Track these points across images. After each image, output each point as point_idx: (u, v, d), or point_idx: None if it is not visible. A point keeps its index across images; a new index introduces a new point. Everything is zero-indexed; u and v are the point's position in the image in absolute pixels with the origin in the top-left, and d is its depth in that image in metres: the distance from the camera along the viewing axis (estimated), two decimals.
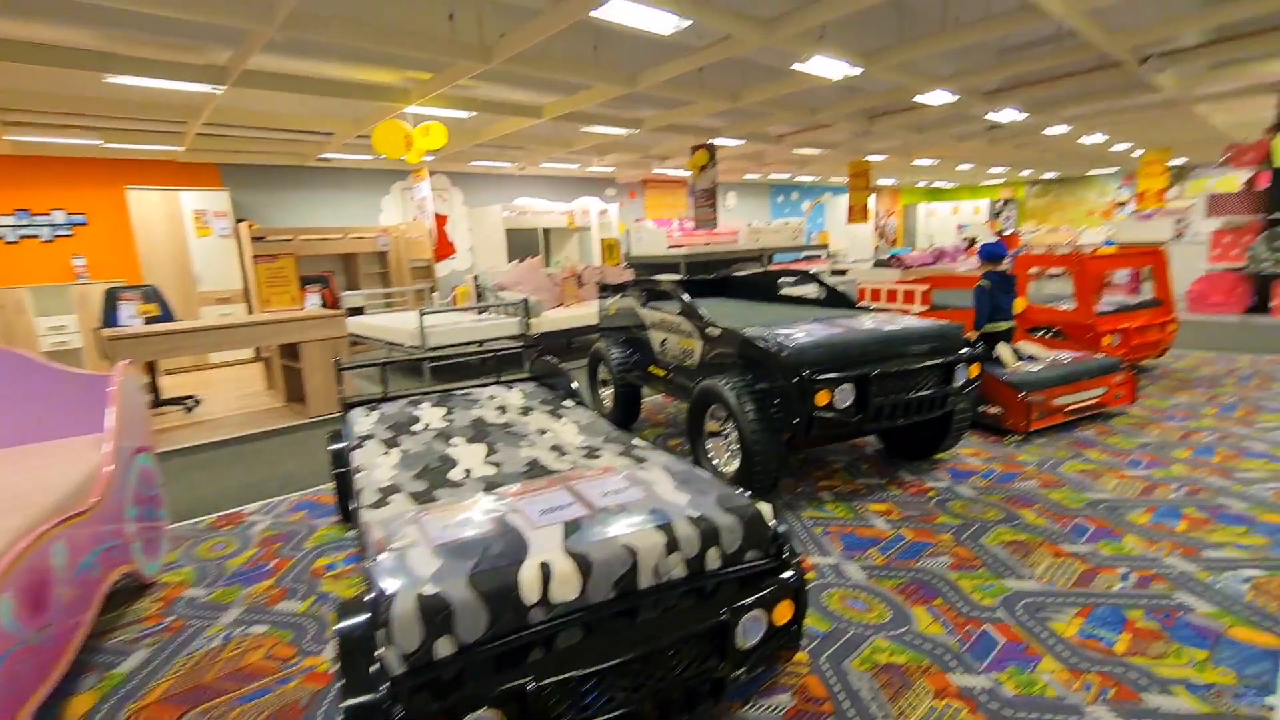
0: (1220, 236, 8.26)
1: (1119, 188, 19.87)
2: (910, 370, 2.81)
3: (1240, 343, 6.16)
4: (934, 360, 2.88)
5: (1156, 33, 5.25)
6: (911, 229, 23.25)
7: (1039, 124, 9.69)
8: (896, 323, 3.06)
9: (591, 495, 1.76)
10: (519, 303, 6.38)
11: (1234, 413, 4.00)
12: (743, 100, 6.72)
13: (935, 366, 2.88)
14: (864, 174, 11.92)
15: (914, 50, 5.29)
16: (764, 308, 4.10)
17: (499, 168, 10.77)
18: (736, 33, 4.60)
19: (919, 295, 6.19)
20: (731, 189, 16.07)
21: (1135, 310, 5.11)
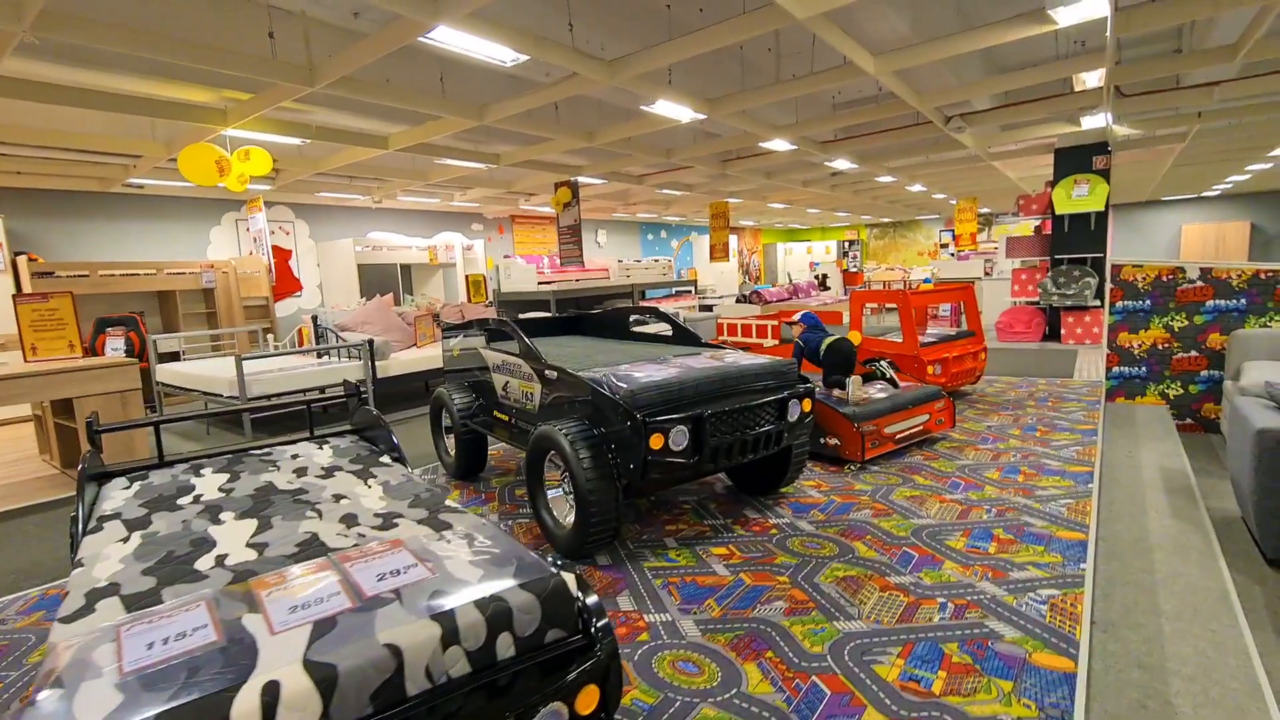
0: (1019, 274, 9.45)
1: (942, 231, 22.47)
2: (745, 408, 2.80)
3: (1039, 368, 6.99)
4: (768, 397, 2.89)
5: (954, 95, 5.93)
6: (773, 266, 24.82)
7: (870, 173, 10.69)
8: (731, 361, 3.06)
9: (364, 580, 1.49)
10: (362, 344, 5.86)
11: (1034, 433, 4.44)
12: (598, 139, 6.76)
13: (770, 403, 2.89)
14: (723, 214, 12.51)
15: (751, 99, 5.59)
16: (612, 346, 4.00)
17: (350, 200, 10.09)
18: (581, 70, 4.59)
19: (770, 329, 6.44)
20: (602, 227, 16.26)
21: (953, 341, 5.61)
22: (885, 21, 4.76)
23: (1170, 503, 3.48)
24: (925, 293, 5.45)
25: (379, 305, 6.84)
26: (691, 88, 5.82)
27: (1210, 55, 5.01)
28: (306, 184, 8.85)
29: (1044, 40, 5.47)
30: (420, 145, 6.96)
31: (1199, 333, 5.44)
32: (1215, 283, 5.33)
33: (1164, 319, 5.57)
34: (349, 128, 6.23)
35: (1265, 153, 10.33)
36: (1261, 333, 5.00)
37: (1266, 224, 17.59)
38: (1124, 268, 5.69)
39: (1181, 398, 5.58)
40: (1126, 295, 5.70)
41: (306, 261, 10.20)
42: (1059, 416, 4.82)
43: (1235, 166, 12.26)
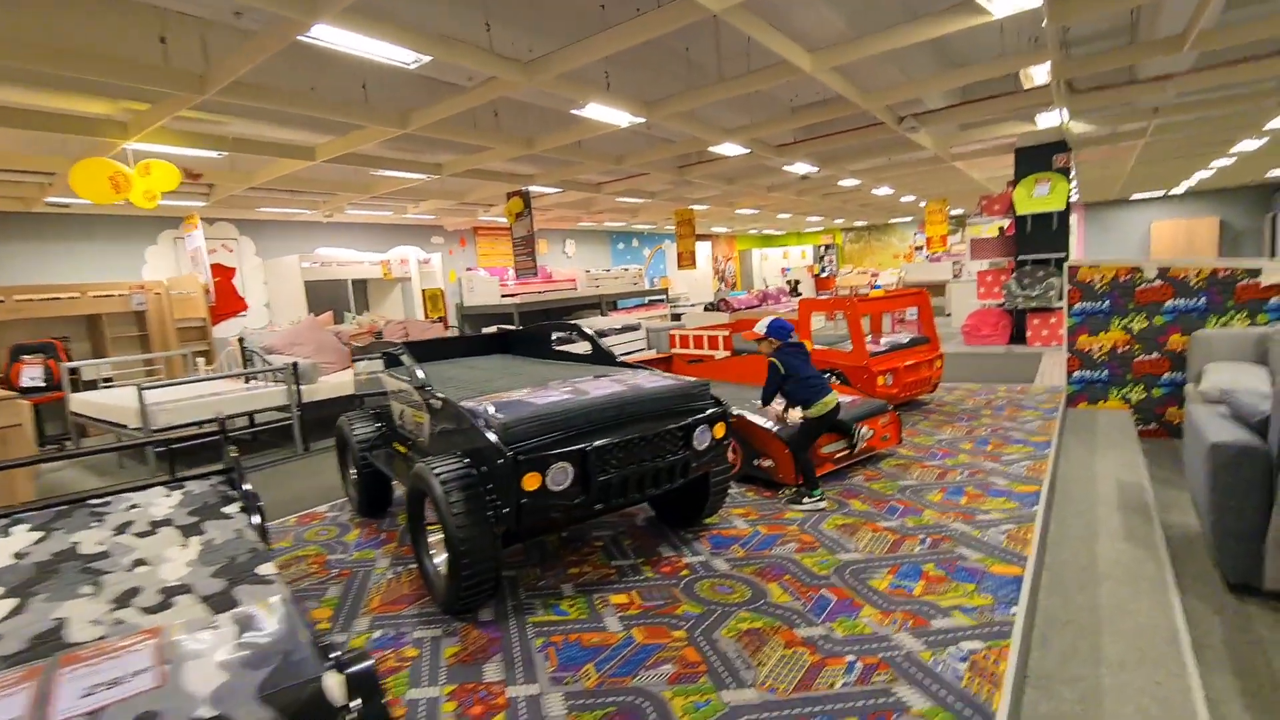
0: (984, 276, 9.27)
1: (915, 234, 22.43)
2: (643, 438, 2.50)
3: (1002, 372, 6.77)
4: (671, 424, 2.60)
5: (903, 93, 5.72)
6: (748, 273, 24.66)
7: (833, 176, 10.50)
8: (635, 384, 2.76)
9: (63, 698, 1.17)
10: (286, 368, 5.51)
11: (986, 446, 4.18)
12: (538, 146, 6.48)
13: (672, 431, 2.60)
14: (689, 222, 12.27)
15: (690, 101, 5.34)
16: (525, 368, 3.70)
17: (296, 215, 9.73)
18: (499, 73, 4.31)
19: (722, 340, 6.17)
20: (569, 236, 15.98)
21: (906, 349, 5.36)
22: (819, 16, 4.53)
23: (1124, 522, 3.23)
24: (873, 300, 5.20)
25: (311, 325, 6.49)
26: (632, 91, 5.57)
27: (1159, 46, 4.83)
28: (246, 199, 8.49)
29: (990, 35, 5.27)
30: (356, 157, 6.65)
31: (1160, 334, 5.23)
32: (1174, 282, 5.13)
33: (1124, 320, 5.36)
34: (271, 139, 5.90)
35: (1228, 148, 10.27)
36: (1222, 333, 4.80)
37: (1235, 220, 17.66)
38: (1081, 268, 5.48)
39: (1144, 402, 5.37)
40: (1085, 296, 5.49)
41: (252, 280, 9.81)
42: (1014, 427, 4.58)
43: (1200, 163, 12.23)
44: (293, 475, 4.90)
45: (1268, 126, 8.22)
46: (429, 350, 4.37)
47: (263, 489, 4.50)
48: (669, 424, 2.60)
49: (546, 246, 15.30)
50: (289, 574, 2.94)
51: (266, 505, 3.85)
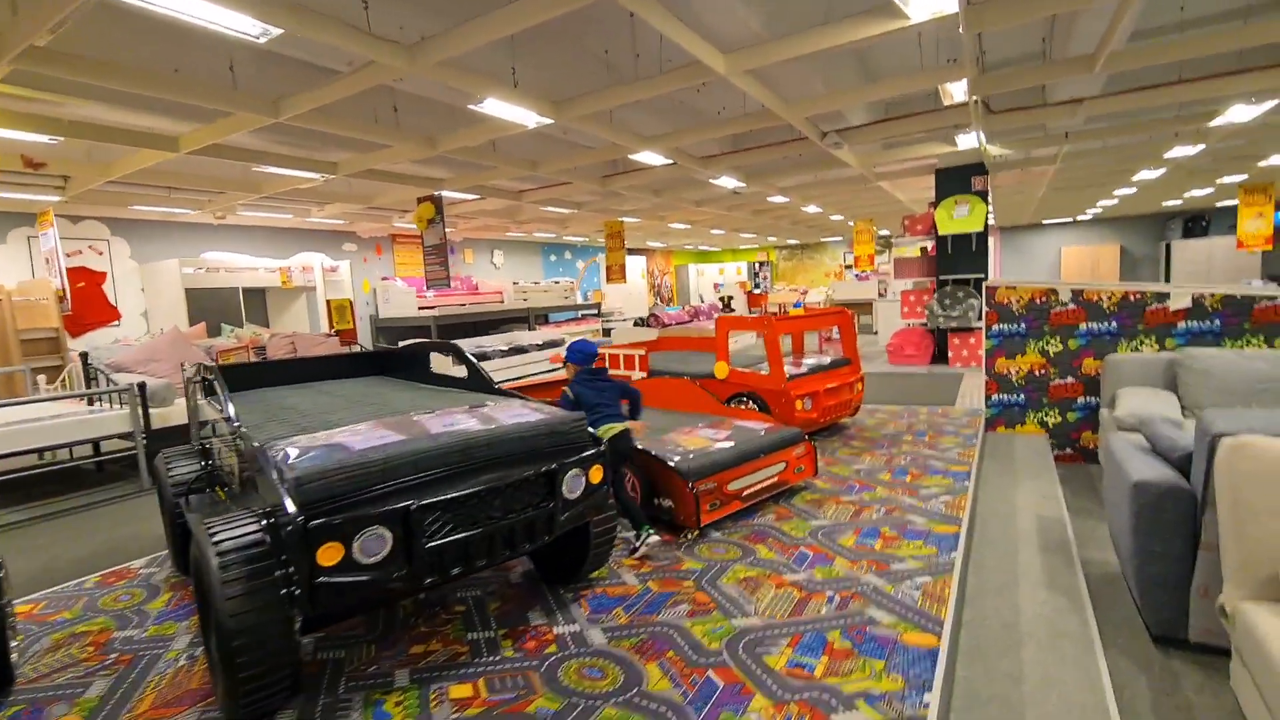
0: (908, 296, 9.28)
1: (846, 253, 22.91)
2: (493, 489, 2.03)
3: (924, 394, 6.65)
4: (532, 470, 2.14)
5: (824, 105, 5.52)
6: (685, 288, 24.60)
7: (761, 192, 10.37)
8: (490, 420, 2.29)
9: None
10: (130, 388, 4.74)
11: (905, 477, 3.92)
12: (441, 146, 5.95)
13: (534, 478, 2.14)
14: (618, 234, 11.91)
15: (599, 101, 4.95)
16: (386, 395, 3.17)
17: (178, 214, 8.78)
18: (375, 56, 3.79)
19: (638, 361, 5.77)
20: (498, 247, 15.36)
21: (827, 371, 5.10)
22: (734, 17, 4.23)
23: (1045, 565, 2.98)
24: (793, 319, 4.92)
25: (173, 339, 5.69)
26: (543, 91, 5.14)
27: (1070, 65, 4.79)
28: (116, 195, 7.55)
29: (910, 49, 5.14)
30: (234, 150, 5.93)
31: (1074, 358, 5.17)
32: (1087, 305, 5.08)
33: (1040, 343, 5.27)
34: (122, 124, 5.14)
35: (1129, 177, 10.74)
36: (1133, 357, 4.74)
37: (1133, 246, 18.78)
38: (999, 289, 5.38)
39: (1060, 426, 5.28)
40: (1002, 318, 5.39)
41: (127, 286, 8.77)
42: (934, 455, 4.35)
43: (1104, 191, 12.83)
44: (121, 517, 4.15)
45: (1167, 155, 8.57)
46: (289, 371, 3.77)
47: (72, 537, 3.76)
48: (529, 470, 2.14)
49: (472, 256, 14.63)
50: (44, 665, 2.30)
51: (67, 560, 3.14)
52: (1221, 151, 9.04)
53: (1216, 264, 16.88)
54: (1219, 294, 4.69)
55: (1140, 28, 4.79)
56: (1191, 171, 10.85)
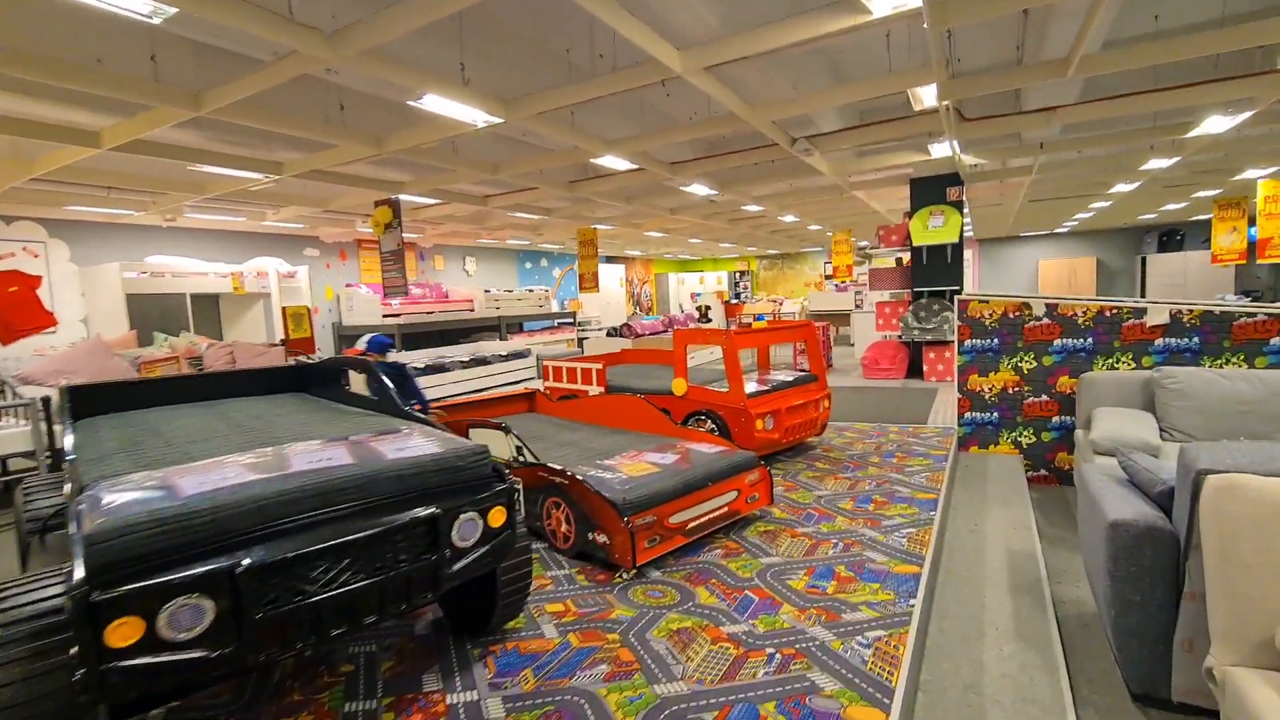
0: (883, 307, 9.07)
1: (825, 263, 22.81)
2: (353, 542, 1.70)
3: (896, 410, 6.40)
4: (409, 516, 1.82)
5: (792, 109, 5.28)
6: (665, 297, 24.36)
7: (735, 200, 10.15)
8: (367, 453, 1.96)
9: None
10: (33, 402, 4.33)
11: (869, 505, 3.63)
12: (388, 146, 5.62)
13: (412, 526, 1.82)
14: (592, 242, 11.61)
15: (551, 99, 4.66)
16: (285, 418, 2.82)
17: (120, 215, 8.34)
18: (296, 45, 3.47)
19: (595, 375, 5.46)
20: (470, 254, 14.99)
21: (791, 388, 4.82)
22: (693, 14, 3.96)
23: (1015, 610, 2.70)
24: (754, 333, 4.63)
25: (93, 348, 5.29)
26: (495, 89, 4.84)
27: (1044, 69, 4.58)
28: (49, 194, 7.12)
29: (878, 52, 4.91)
30: (166, 148, 5.56)
31: (1049, 375, 4.94)
32: (1061, 320, 4.86)
33: (1013, 359, 5.04)
34: (31, 116, 4.76)
35: (1106, 190, 10.67)
36: (1109, 376, 4.51)
37: (1109, 259, 18.85)
38: (971, 303, 5.15)
39: (1035, 446, 5.05)
40: (974, 333, 5.15)
41: (66, 290, 8.30)
42: (901, 480, 4.07)
43: (1081, 204, 12.78)
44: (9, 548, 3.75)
45: (1143, 168, 8.46)
46: (192, 389, 3.41)
47: None
48: (408, 515, 1.81)
49: (444, 263, 14.26)
50: None
51: None
52: (1197, 165, 8.96)
53: (1191, 278, 16.96)
54: (1198, 310, 4.49)
55: (1115, 37, 4.62)
56: (1167, 185, 10.80)
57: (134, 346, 6.20)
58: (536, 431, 4.34)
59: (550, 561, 3.09)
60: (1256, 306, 4.42)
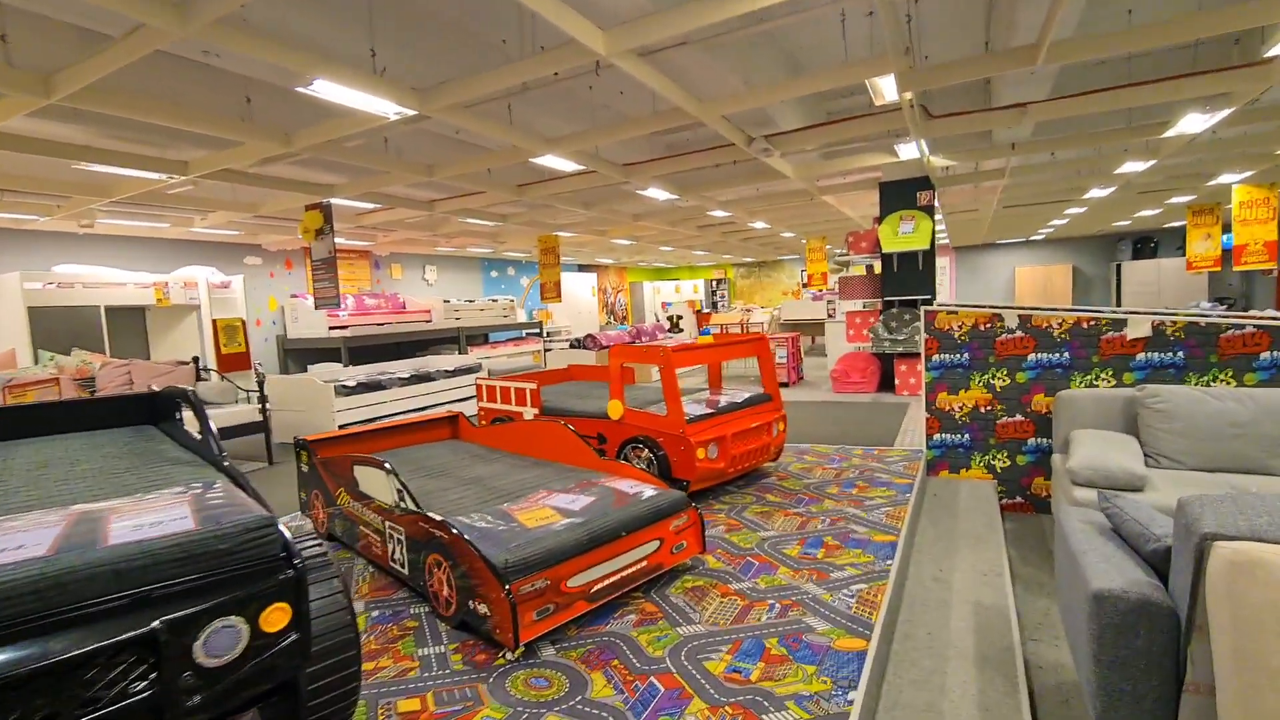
0: (853, 317, 8.65)
1: (801, 271, 22.52)
2: (30, 674, 1.16)
3: (863, 429, 5.93)
4: (124, 629, 1.27)
5: (743, 102, 4.82)
6: (640, 306, 23.88)
7: (700, 207, 9.70)
8: (91, 534, 1.41)
9: None
10: None
11: (818, 551, 3.13)
12: (297, 143, 5.07)
13: (104, 653, 1.27)
14: (553, 250, 11.09)
15: (470, 89, 4.15)
16: (70, 463, 2.25)
17: (25, 221, 7.67)
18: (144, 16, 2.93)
19: (530, 395, 4.93)
20: (430, 262, 14.40)
21: (740, 410, 4.33)
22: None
23: (981, 692, 2.20)
24: (697, 349, 4.14)
25: None
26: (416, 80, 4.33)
27: (1013, 56, 4.16)
28: None
29: (838, 46, 4.48)
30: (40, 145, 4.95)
31: (1023, 393, 4.50)
32: (1035, 333, 4.42)
33: (985, 376, 4.60)
34: None
35: (1080, 194, 10.39)
36: (1086, 394, 4.08)
37: (1085, 267, 18.72)
38: (939, 314, 4.70)
39: (1009, 471, 4.60)
40: (943, 347, 4.71)
41: None
42: (859, 517, 3.58)
43: (1056, 210, 12.53)
44: None
45: (1118, 171, 8.14)
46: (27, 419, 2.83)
47: None
48: (123, 628, 1.27)
49: (401, 272, 13.65)
50: None
51: None
52: (1172, 169, 8.68)
53: (1166, 285, 16.84)
54: (1181, 321, 4.07)
55: (1086, 31, 4.23)
56: (1142, 191, 10.55)
57: (11, 367, 5.56)
58: (447, 464, 3.80)
59: (428, 633, 2.55)
60: (1244, 317, 4.02)
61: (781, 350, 9.22)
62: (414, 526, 2.75)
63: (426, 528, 2.66)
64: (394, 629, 2.61)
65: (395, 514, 2.90)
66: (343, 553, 3.50)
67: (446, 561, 2.54)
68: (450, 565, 2.52)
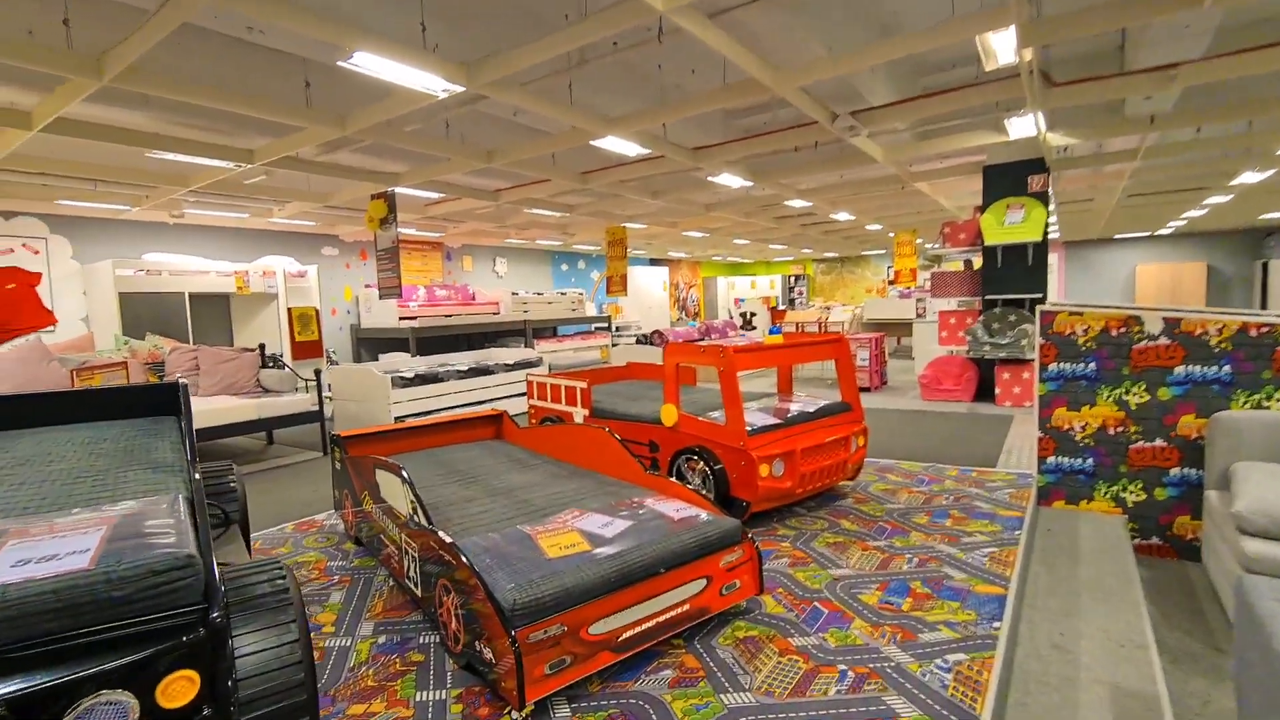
0: (947, 318, 7.79)
1: (888, 267, 21.19)
2: None
3: (959, 444, 5.20)
4: None
5: (825, 70, 4.23)
6: (713, 302, 23.25)
7: (777, 196, 9.05)
8: None
9: None
10: None
11: (902, 600, 2.57)
12: (351, 125, 4.91)
13: None
14: (621, 242, 10.74)
15: (518, 59, 3.80)
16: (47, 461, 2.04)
17: (120, 211, 8.06)
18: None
19: (580, 395, 4.57)
20: (501, 255, 14.42)
21: (812, 421, 3.78)
22: None
23: None
24: (760, 350, 3.62)
25: (23, 354, 4.78)
26: (455, 51, 4.05)
27: (1163, 4, 3.37)
28: (39, 189, 6.84)
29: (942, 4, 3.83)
30: (113, 132, 5.03)
31: (1165, 413, 3.70)
32: (1186, 340, 3.61)
33: (1116, 390, 3.82)
34: None
35: (1227, 181, 8.96)
36: (1256, 417, 3.26)
37: (1223, 265, 16.53)
38: (1058, 315, 3.95)
39: (1144, 506, 3.80)
40: (1063, 355, 3.96)
41: (67, 288, 8.09)
42: (955, 557, 2.98)
43: (1193, 199, 10.97)
44: None
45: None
46: (21, 410, 2.71)
47: None
48: None
49: (472, 263, 13.73)
50: None
51: None
52: None
53: None
54: None
55: None
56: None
57: (89, 350, 5.76)
58: (482, 469, 3.48)
59: (433, 671, 2.20)
60: None
61: (863, 351, 8.46)
62: (425, 545, 2.42)
63: (436, 548, 2.31)
64: (397, 662, 2.28)
65: (410, 528, 2.58)
66: (368, 560, 3.25)
67: (454, 591, 2.19)
68: (458, 596, 2.16)
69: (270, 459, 5.75)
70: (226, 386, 5.78)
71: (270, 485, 4.83)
